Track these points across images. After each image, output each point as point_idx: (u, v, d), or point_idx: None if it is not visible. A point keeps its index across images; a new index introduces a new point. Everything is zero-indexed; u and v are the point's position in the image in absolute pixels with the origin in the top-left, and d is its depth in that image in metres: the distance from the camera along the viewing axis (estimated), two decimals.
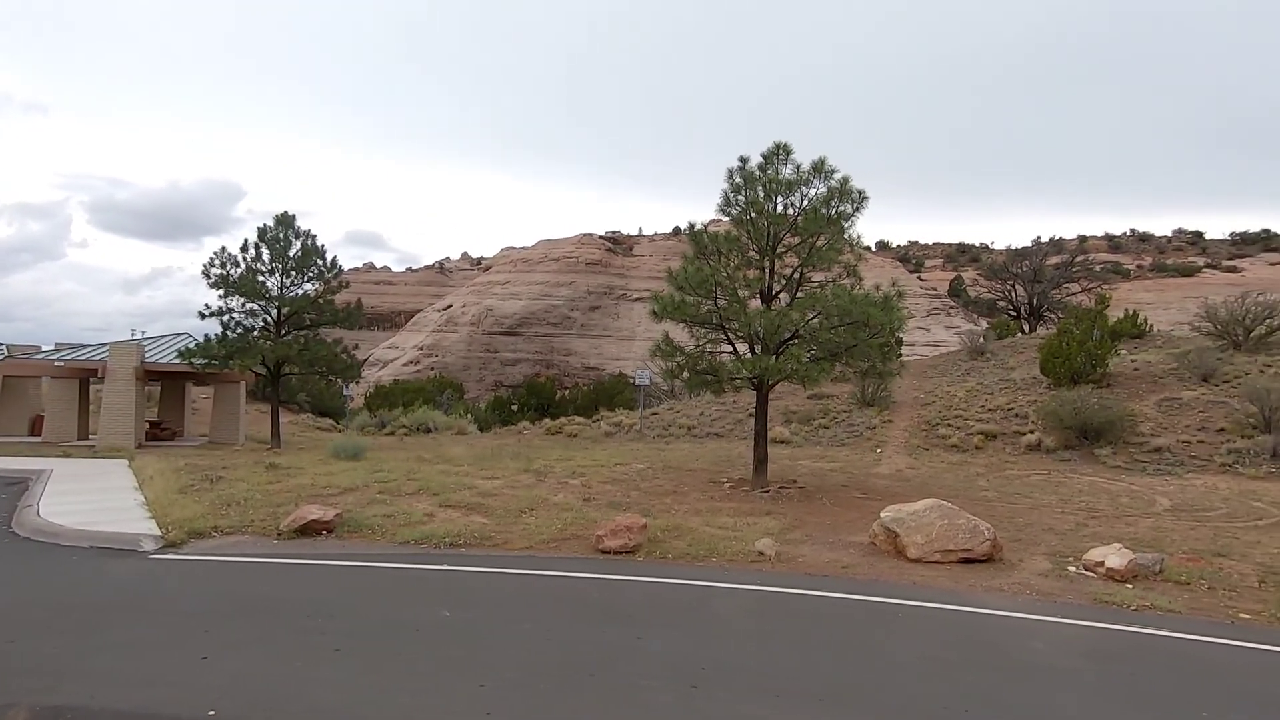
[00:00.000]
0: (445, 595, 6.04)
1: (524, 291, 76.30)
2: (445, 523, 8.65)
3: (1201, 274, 76.90)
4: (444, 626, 5.16)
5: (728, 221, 12.08)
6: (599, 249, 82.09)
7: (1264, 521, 9.67)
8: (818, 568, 7.29)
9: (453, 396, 33.28)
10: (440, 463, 14.08)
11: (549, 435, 21.58)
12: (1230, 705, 4.19)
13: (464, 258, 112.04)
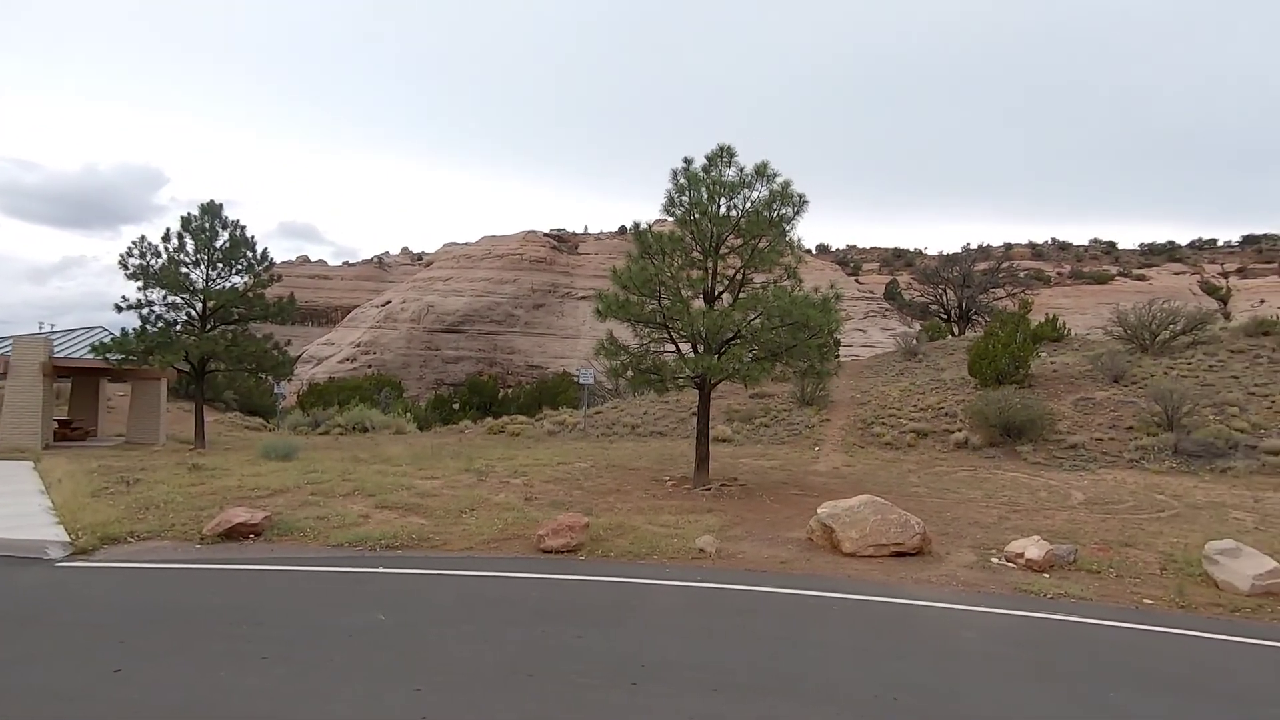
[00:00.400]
0: (381, 598, 5.88)
1: (467, 288, 74.99)
2: (382, 524, 8.42)
3: (1114, 282, 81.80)
4: (379, 630, 5.02)
5: (672, 222, 12.17)
6: (544, 246, 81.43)
7: (1166, 513, 10.37)
8: (757, 563, 7.43)
9: (391, 395, 32.42)
10: (377, 463, 13.70)
11: (491, 434, 21.28)
12: (1133, 683, 4.49)
13: (404, 253, 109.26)
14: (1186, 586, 6.69)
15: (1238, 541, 7.15)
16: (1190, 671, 4.85)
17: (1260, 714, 4.13)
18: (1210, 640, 5.46)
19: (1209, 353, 18.77)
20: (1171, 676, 4.70)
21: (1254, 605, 6.22)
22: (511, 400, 32.70)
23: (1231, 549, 6.88)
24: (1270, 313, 25.77)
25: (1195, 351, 19.02)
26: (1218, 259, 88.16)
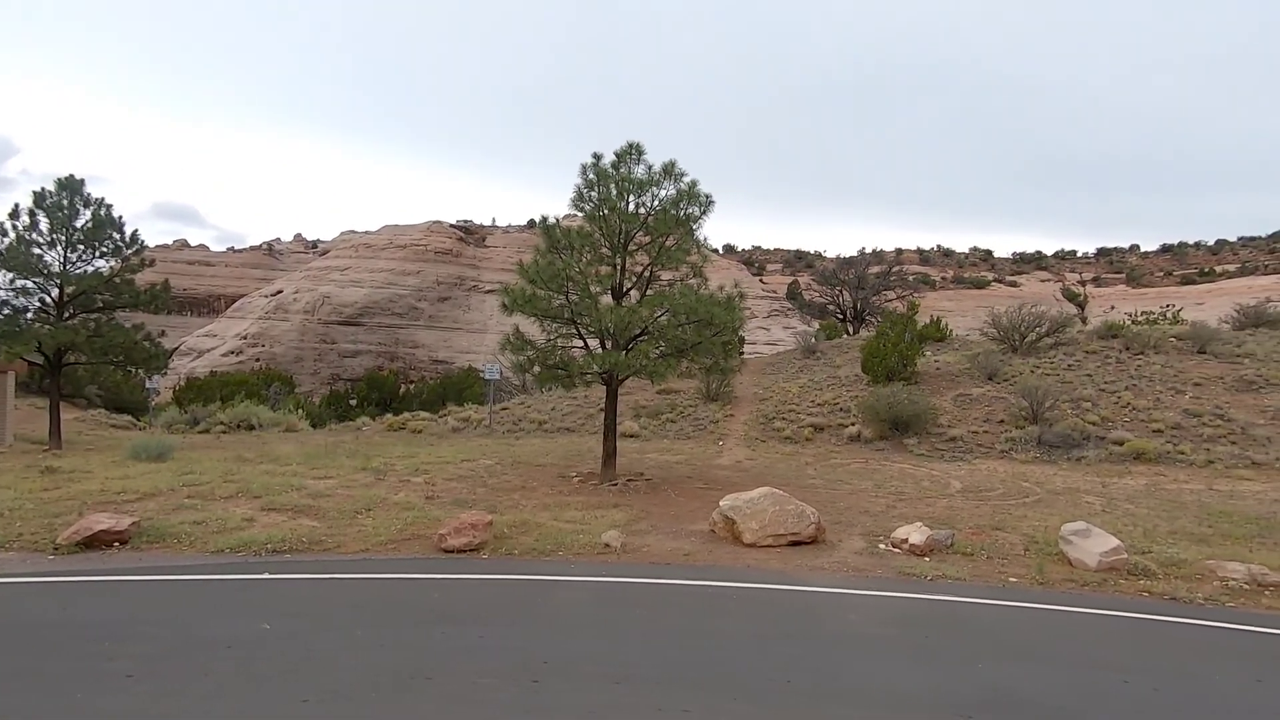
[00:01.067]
0: (266, 606, 5.54)
1: (366, 279, 71.64)
2: (268, 528, 7.92)
3: (991, 287, 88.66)
4: (263, 640, 4.73)
5: (581, 217, 12.12)
6: (450, 238, 78.99)
7: (1030, 499, 11.36)
8: (661, 556, 7.54)
9: (282, 390, 30.52)
10: (265, 462, 12.87)
11: (391, 431, 20.47)
12: (998, 655, 4.90)
13: (298, 240, 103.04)
14: (1045, 564, 7.36)
15: (1088, 523, 7.93)
16: (1044, 640, 5.35)
17: (1097, 676, 4.60)
18: (1063, 612, 6.04)
19: (1068, 353, 20.72)
20: (1028, 646, 5.17)
21: (1100, 579, 6.93)
22: (414, 396, 31.57)
23: (1083, 530, 7.63)
24: (1119, 318, 28.78)
25: (1057, 352, 20.94)
26: (1077, 268, 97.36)
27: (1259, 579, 6.76)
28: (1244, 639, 5.52)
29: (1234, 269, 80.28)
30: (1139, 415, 16.05)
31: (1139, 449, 14.28)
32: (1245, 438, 14.57)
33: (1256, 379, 17.04)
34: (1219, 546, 8.17)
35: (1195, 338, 19.99)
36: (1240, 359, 18.42)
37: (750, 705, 3.96)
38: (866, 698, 4.13)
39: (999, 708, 4.03)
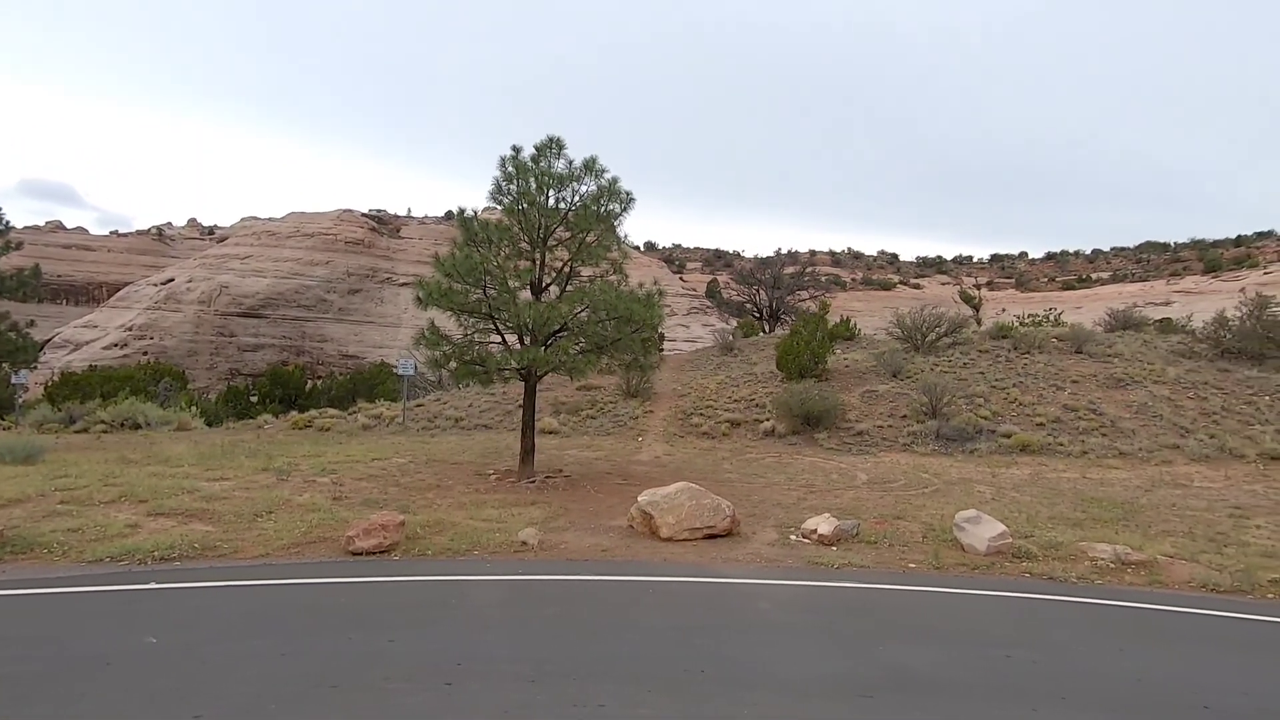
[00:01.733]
0: (152, 619, 5.16)
1: (270, 269, 67.67)
2: (155, 534, 7.38)
3: (896, 289, 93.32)
4: (149, 655, 4.40)
5: (500, 211, 11.91)
6: (362, 228, 75.73)
7: (929, 489, 12.07)
8: (579, 553, 7.54)
9: (173, 386, 28.39)
10: (153, 464, 11.97)
11: (296, 430, 19.45)
12: (898, 636, 5.19)
13: (192, 225, 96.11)
14: (941, 550, 7.84)
15: (979, 511, 8.51)
16: (939, 621, 5.70)
17: (985, 651, 4.95)
18: (956, 594, 6.46)
19: (964, 352, 22.11)
20: (924, 627, 5.49)
21: (989, 563, 7.46)
22: (321, 392, 30.10)
23: (974, 517, 8.18)
24: (1009, 320, 30.96)
25: (954, 351, 22.30)
26: (973, 273, 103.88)
27: (1123, 558, 7.45)
28: (1109, 612, 6.08)
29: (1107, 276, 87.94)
30: (1025, 410, 17.33)
31: (1024, 441, 15.42)
32: (1114, 430, 16.00)
33: (1124, 377, 18.74)
34: (1090, 530, 8.95)
35: (1073, 339, 21.76)
36: (1111, 358, 20.21)
37: (665, 696, 4.03)
38: (777, 683, 4.27)
39: (898, 686, 4.26)
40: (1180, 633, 5.64)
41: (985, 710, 3.99)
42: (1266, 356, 19.46)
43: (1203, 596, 6.65)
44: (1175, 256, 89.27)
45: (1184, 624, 5.85)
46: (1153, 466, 14.06)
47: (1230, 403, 16.97)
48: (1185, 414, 16.53)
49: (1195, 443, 14.94)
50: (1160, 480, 12.95)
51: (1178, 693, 4.34)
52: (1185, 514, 10.23)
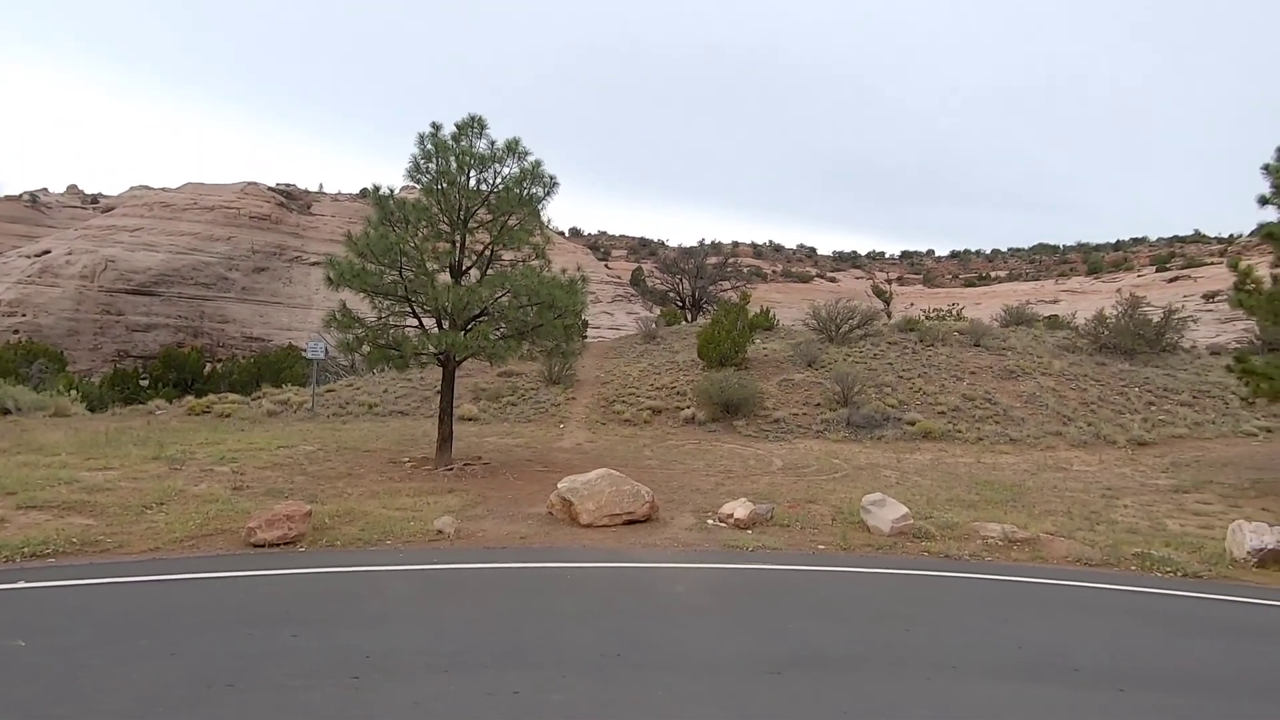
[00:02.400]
0: (20, 621, 4.73)
1: (164, 243, 62.84)
2: (26, 529, 6.76)
3: (813, 282, 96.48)
4: (14, 661, 4.03)
5: (418, 189, 11.50)
6: (269, 202, 71.39)
7: (839, 474, 12.60)
8: (497, 540, 7.44)
9: (50, 368, 25.98)
10: (24, 452, 10.95)
11: (193, 415, 18.22)
12: (806, 615, 5.40)
13: (72, 192, 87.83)
14: (848, 532, 8.21)
15: (884, 494, 8.95)
16: (844, 600, 5.98)
17: (886, 626, 5.23)
18: (861, 573, 6.78)
19: (874, 343, 23.14)
20: (831, 605, 5.75)
21: (892, 543, 7.87)
22: (222, 376, 28.30)
23: (879, 500, 8.60)
24: (916, 314, 32.61)
25: (865, 342, 23.31)
26: (885, 268, 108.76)
27: (1010, 536, 8.03)
28: (997, 586, 6.55)
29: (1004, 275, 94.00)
30: (928, 399, 18.34)
31: (927, 428, 16.33)
32: (1006, 418, 17.18)
33: (1016, 369, 20.13)
34: (983, 511, 9.58)
35: (972, 333, 23.17)
36: (1005, 352, 21.65)
37: (580, 680, 4.04)
38: (690, 663, 4.37)
39: (805, 662, 4.44)
40: (1057, 603, 6.13)
41: (884, 681, 4.22)
42: (1137, 352, 21.36)
43: (1077, 570, 7.26)
44: (1063, 258, 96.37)
45: (1060, 595, 6.36)
46: (1039, 452, 15.20)
47: (1105, 394, 18.54)
48: (1068, 404, 17.94)
49: (1075, 430, 16.24)
50: (1045, 464, 14.01)
51: (1053, 657, 4.73)
52: (1065, 495, 11.11)
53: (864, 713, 3.78)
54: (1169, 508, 10.42)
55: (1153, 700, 4.14)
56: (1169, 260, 74.57)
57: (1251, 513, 9.91)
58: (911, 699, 3.97)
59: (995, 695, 4.10)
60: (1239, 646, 5.20)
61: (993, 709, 3.92)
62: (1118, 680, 4.39)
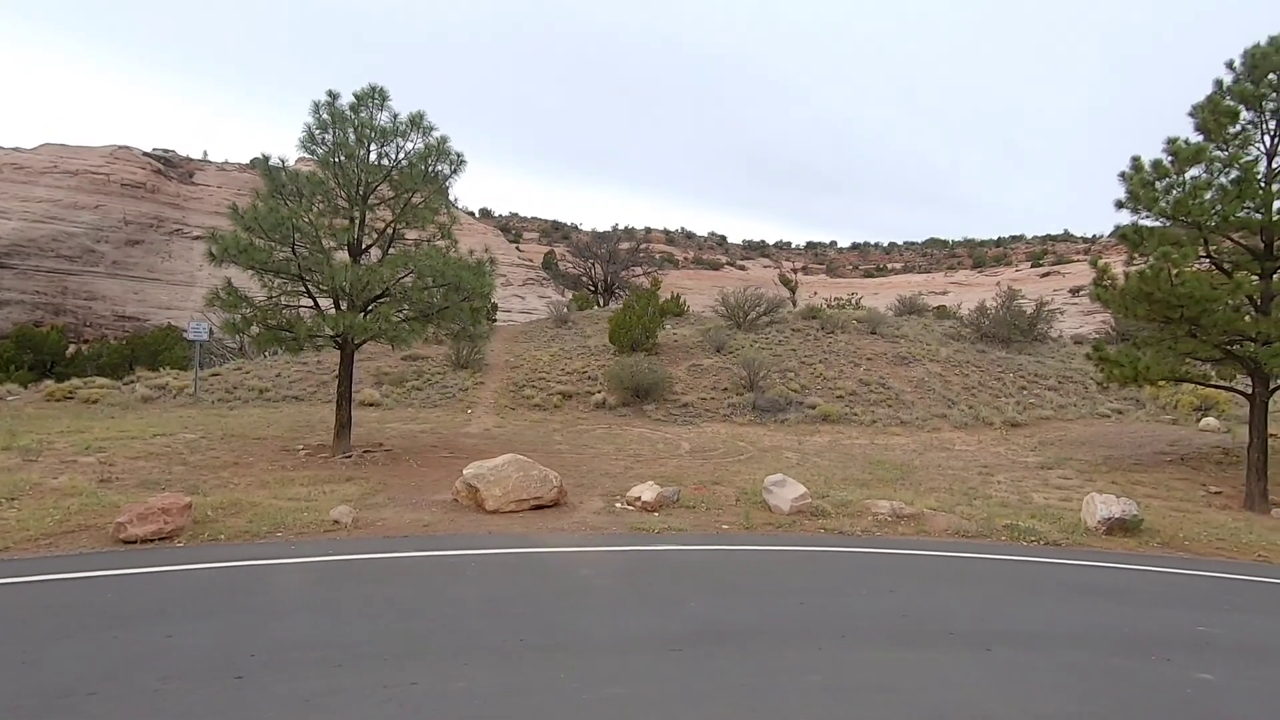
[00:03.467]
0: None
1: (17, 209, 56.28)
2: None
3: (724, 269, 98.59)
4: None
5: (313, 161, 10.85)
6: (144, 168, 65.22)
7: (744, 456, 13.01)
8: (399, 529, 7.21)
9: None
10: None
11: (54, 401, 16.54)
12: (708, 593, 5.55)
13: None
14: (751, 512, 8.50)
15: (784, 475, 9.32)
16: (745, 576, 6.19)
17: (782, 600, 5.46)
18: (762, 551, 7.05)
19: (779, 330, 23.97)
20: (731, 582, 5.94)
21: (791, 521, 8.21)
22: (89, 359, 25.84)
23: (780, 480, 8.95)
24: (818, 302, 33.99)
25: (771, 329, 24.10)
26: (791, 258, 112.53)
27: (898, 512, 8.56)
28: (885, 559, 6.97)
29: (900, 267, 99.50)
30: (828, 384, 19.22)
31: (826, 412, 17.12)
32: (898, 402, 18.26)
33: (908, 355, 21.41)
34: (875, 489, 10.17)
35: (869, 321, 24.43)
36: (898, 339, 22.97)
37: (483, 667, 3.99)
38: (594, 644, 4.40)
39: (704, 638, 4.58)
40: (938, 573, 6.60)
41: (779, 652, 4.41)
42: (1013, 340, 23.19)
43: (956, 541, 7.84)
44: (952, 252, 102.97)
45: (941, 565, 6.86)
46: (925, 433, 16.26)
47: (985, 379, 20.04)
48: (952, 388, 19.27)
49: (958, 413, 17.49)
50: (931, 445, 15.01)
51: (932, 623, 5.09)
52: (947, 473, 11.96)
53: (758, 683, 3.94)
54: (1035, 483, 11.43)
55: (1015, 657, 4.54)
56: (1042, 257, 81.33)
57: (1103, 486, 11.04)
58: (803, 668, 4.18)
59: (879, 660, 4.38)
60: (1089, 605, 5.79)
61: (876, 673, 4.18)
62: (986, 641, 4.79)
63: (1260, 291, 10.76)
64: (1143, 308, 11.21)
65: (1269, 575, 7.25)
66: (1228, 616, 5.71)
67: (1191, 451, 13.56)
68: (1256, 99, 10.53)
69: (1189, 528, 8.89)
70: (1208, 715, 3.87)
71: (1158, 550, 7.97)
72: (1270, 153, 10.73)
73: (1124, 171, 11.38)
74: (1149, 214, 11.31)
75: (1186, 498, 10.79)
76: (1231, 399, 15.45)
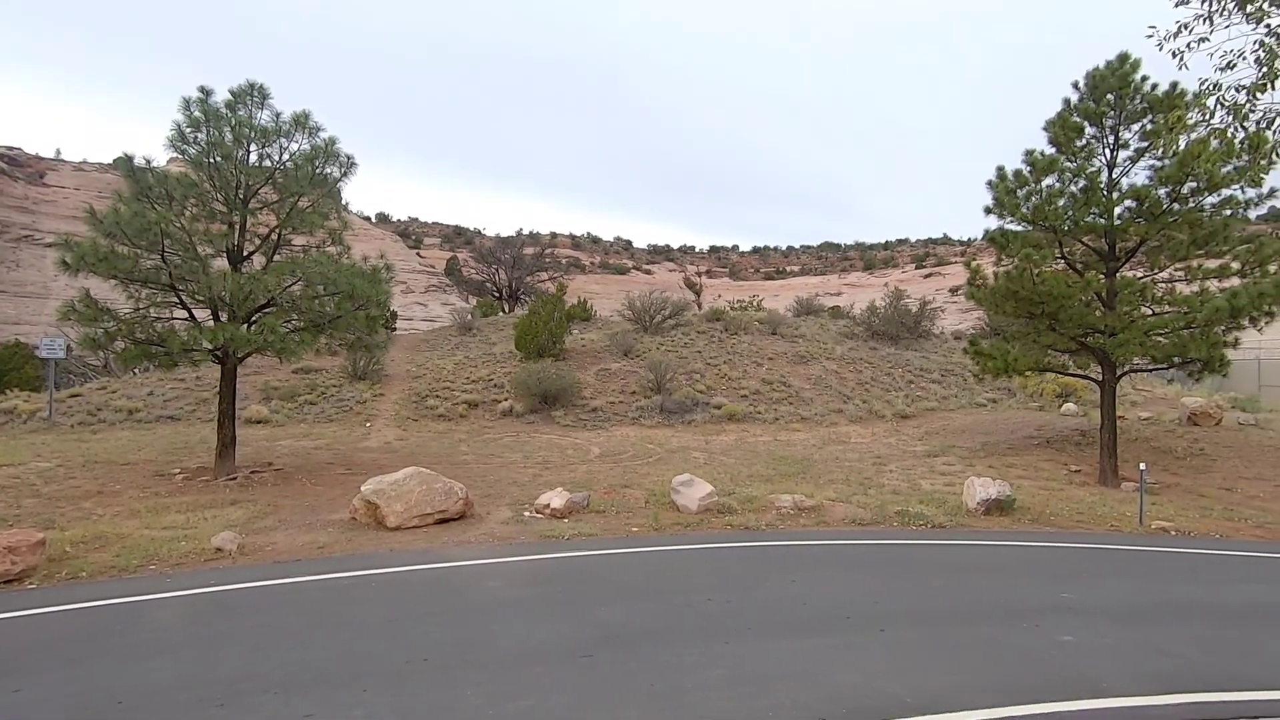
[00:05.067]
0: None
1: None
2: None
3: (630, 274, 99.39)
4: None
5: (184, 161, 10.06)
6: None
7: (653, 458, 13.15)
8: (291, 553, 6.80)
9: None
10: None
11: None
12: (617, 597, 5.57)
13: None
14: (660, 513, 8.60)
15: (692, 475, 9.50)
16: (654, 578, 6.24)
17: (690, 599, 5.56)
18: (671, 551, 7.14)
19: (685, 333, 24.42)
20: (641, 585, 5.98)
21: (699, 520, 8.38)
22: None
23: (687, 480, 9.11)
24: (722, 305, 34.91)
25: (677, 332, 24.51)
26: (695, 262, 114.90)
27: (799, 505, 8.91)
28: (787, 550, 7.23)
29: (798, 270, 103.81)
30: (733, 384, 19.75)
31: (731, 411, 17.58)
32: (798, 399, 19.02)
33: (806, 354, 22.34)
34: (778, 484, 10.54)
35: (770, 322, 25.32)
36: (797, 339, 23.94)
37: (383, 692, 3.82)
38: (502, 657, 4.31)
39: (614, 642, 4.58)
40: (836, 561, 6.92)
41: (686, 650, 4.48)
42: (900, 338, 24.68)
43: (852, 529, 8.25)
44: (845, 256, 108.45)
45: (839, 553, 7.19)
46: (824, 428, 17.02)
47: (876, 374, 21.22)
48: (847, 384, 20.27)
49: (853, 407, 18.42)
50: (829, 439, 15.73)
51: (830, 609, 5.33)
52: (844, 465, 12.57)
53: (666, 683, 3.99)
54: (923, 470, 12.21)
55: (905, 636, 4.82)
56: (925, 259, 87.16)
57: (981, 470, 11.94)
58: (709, 664, 4.26)
59: (781, 650, 4.53)
60: (969, 582, 6.24)
61: (778, 662, 4.32)
62: (879, 622, 5.06)
63: (1106, 289, 11.99)
64: (1010, 305, 12.23)
65: (1120, 543, 8.07)
66: (1086, 583, 6.31)
67: (1055, 435, 14.90)
68: (1098, 116, 11.73)
69: (1054, 504, 9.76)
70: (1068, 672, 4.25)
71: (1029, 526, 8.70)
72: (1110, 164, 11.98)
73: (990, 180, 12.39)
74: (1013, 219, 12.36)
75: (1052, 477, 11.85)
76: (1087, 386, 17.13)
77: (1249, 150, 4.49)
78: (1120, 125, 11.74)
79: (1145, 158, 11.65)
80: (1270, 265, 10.91)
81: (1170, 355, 11.29)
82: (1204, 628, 5.18)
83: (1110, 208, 11.74)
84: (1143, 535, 8.57)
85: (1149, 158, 11.61)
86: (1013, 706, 3.79)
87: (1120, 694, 3.99)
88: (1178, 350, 11.13)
